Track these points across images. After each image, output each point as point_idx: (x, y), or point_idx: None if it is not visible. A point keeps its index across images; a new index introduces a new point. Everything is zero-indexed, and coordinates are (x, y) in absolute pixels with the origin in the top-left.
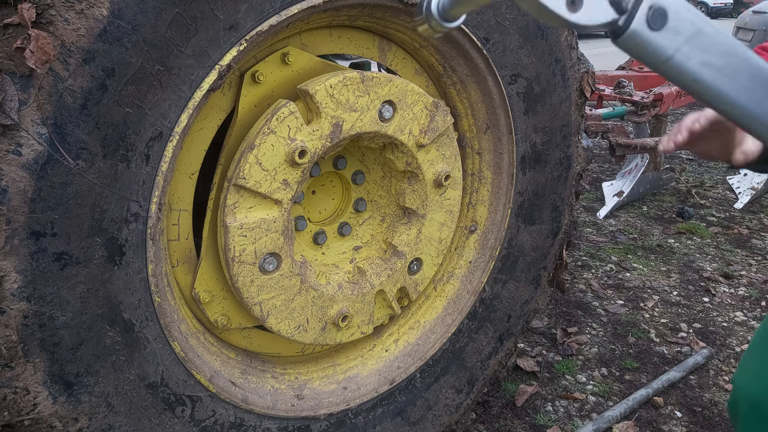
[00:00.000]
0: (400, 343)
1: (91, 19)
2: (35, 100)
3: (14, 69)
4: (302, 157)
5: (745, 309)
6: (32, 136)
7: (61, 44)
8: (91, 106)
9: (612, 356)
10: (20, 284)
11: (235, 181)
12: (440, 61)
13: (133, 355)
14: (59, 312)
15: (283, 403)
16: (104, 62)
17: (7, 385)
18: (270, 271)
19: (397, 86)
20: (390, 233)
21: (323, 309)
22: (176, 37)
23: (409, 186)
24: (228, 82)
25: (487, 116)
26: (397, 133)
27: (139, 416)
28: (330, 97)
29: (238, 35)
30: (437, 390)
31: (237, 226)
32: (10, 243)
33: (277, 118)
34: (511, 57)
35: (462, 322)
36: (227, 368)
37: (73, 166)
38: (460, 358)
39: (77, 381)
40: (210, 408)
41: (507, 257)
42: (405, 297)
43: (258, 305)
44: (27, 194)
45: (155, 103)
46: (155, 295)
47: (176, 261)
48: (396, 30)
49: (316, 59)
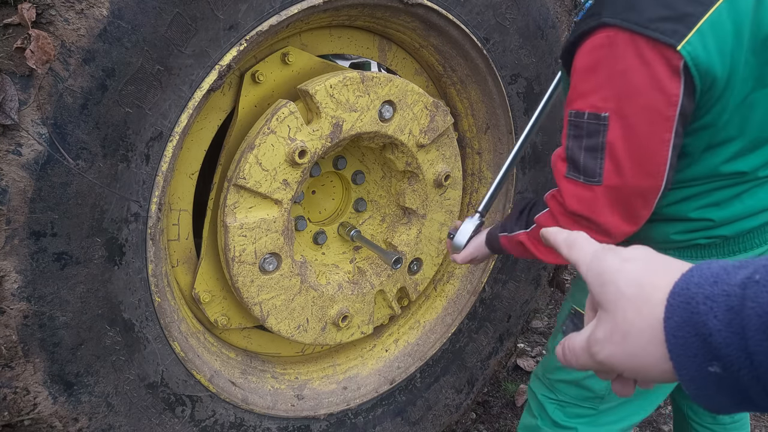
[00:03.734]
0: (400, 343)
1: (91, 19)
2: (35, 100)
3: (14, 69)
4: (302, 157)
5: None
6: (32, 136)
7: (61, 44)
8: (91, 106)
9: None
10: (20, 284)
11: (235, 181)
12: (440, 61)
13: (133, 355)
14: (59, 312)
15: (283, 403)
16: (104, 62)
17: (7, 385)
18: (270, 271)
19: (397, 86)
20: (390, 233)
21: (323, 309)
22: (176, 37)
23: (409, 186)
24: (228, 82)
25: (487, 116)
26: (397, 133)
27: (139, 416)
28: (330, 97)
29: (238, 35)
30: (437, 390)
31: (237, 226)
32: (10, 243)
33: (277, 118)
34: (511, 57)
35: (462, 322)
36: (227, 368)
37: (73, 166)
38: (460, 358)
39: (77, 381)
40: (210, 408)
41: (507, 257)
42: (405, 297)
43: (258, 305)
44: (27, 194)
45: (155, 103)
46: (155, 295)
47: (176, 261)
48: (396, 30)
49: (316, 59)
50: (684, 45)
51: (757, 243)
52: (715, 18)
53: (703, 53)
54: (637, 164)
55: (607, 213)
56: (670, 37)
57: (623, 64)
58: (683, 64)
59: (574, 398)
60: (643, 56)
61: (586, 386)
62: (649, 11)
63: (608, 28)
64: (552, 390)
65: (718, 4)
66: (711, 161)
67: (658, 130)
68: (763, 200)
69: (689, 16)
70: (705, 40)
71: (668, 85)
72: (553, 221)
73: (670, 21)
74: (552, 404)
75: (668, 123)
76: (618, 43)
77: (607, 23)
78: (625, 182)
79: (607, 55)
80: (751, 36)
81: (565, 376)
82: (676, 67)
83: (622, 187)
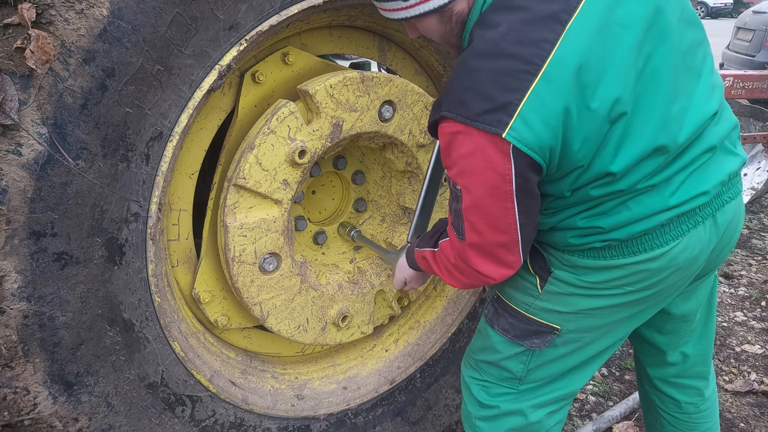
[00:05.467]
0: (400, 343)
1: (91, 19)
2: (35, 100)
3: (14, 69)
4: (302, 157)
5: (745, 309)
6: (32, 136)
7: (61, 44)
8: (91, 106)
9: (612, 356)
10: (20, 284)
11: (235, 181)
12: (440, 61)
13: (133, 355)
14: (59, 312)
15: (283, 403)
16: (104, 62)
17: (7, 385)
18: (270, 271)
19: (397, 86)
20: (390, 233)
21: (323, 309)
22: (176, 37)
23: (409, 186)
24: (228, 82)
25: None
26: (397, 133)
27: (139, 416)
28: (330, 97)
29: (238, 35)
30: (437, 390)
31: (237, 226)
32: (10, 243)
33: (277, 118)
34: None
35: (462, 322)
36: (227, 368)
37: (73, 166)
38: (460, 358)
39: (77, 381)
40: (210, 408)
41: None
42: (405, 297)
43: (258, 305)
44: (27, 194)
45: (155, 103)
46: (155, 295)
47: (176, 261)
48: (396, 30)
49: (316, 59)
50: (508, 132)
51: (657, 244)
52: (533, 99)
53: (529, 133)
54: (490, 225)
55: (479, 262)
56: (496, 127)
57: (464, 149)
58: (512, 148)
59: (496, 378)
60: (476, 143)
61: (504, 367)
62: (476, 106)
63: (448, 121)
64: (477, 370)
65: (532, 87)
66: (585, 193)
67: (500, 201)
68: (648, 206)
69: (509, 104)
70: (528, 121)
71: (501, 166)
72: (451, 250)
73: (494, 112)
74: (477, 385)
75: (508, 195)
76: (458, 131)
77: (446, 116)
78: (484, 239)
79: (452, 141)
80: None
81: (487, 357)
82: (505, 150)
83: (481, 243)
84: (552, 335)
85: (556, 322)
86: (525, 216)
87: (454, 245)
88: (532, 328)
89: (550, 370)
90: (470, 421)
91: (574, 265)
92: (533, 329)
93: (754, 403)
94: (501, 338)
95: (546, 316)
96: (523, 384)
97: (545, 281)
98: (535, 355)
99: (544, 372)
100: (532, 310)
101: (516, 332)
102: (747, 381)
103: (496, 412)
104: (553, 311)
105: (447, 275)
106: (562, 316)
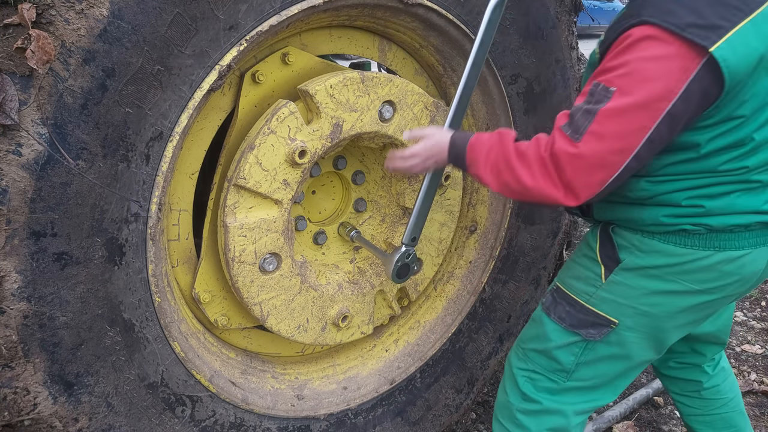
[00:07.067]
0: (400, 343)
1: (91, 19)
2: (35, 100)
3: (14, 69)
4: (302, 157)
5: (745, 309)
6: (32, 136)
7: (61, 44)
8: (91, 106)
9: None
10: (20, 284)
11: (235, 181)
12: (440, 61)
13: (133, 355)
14: (59, 312)
15: (283, 403)
16: (104, 62)
17: (7, 385)
18: (270, 271)
19: (397, 86)
20: (390, 233)
21: (323, 309)
22: (176, 37)
23: (409, 186)
24: (228, 82)
25: (487, 116)
26: (397, 133)
27: (139, 416)
28: (330, 97)
29: (238, 35)
30: (437, 390)
31: (237, 226)
32: (10, 243)
33: (278, 118)
34: (511, 57)
35: (462, 322)
36: (227, 368)
37: (73, 166)
38: (460, 358)
39: (77, 381)
40: (210, 408)
41: (507, 257)
42: (405, 297)
43: (258, 305)
44: (27, 194)
45: (155, 103)
46: (155, 295)
47: (176, 261)
48: (396, 30)
49: (316, 59)
50: (717, 48)
51: (736, 246)
52: (741, 34)
53: (733, 57)
54: (616, 137)
55: (569, 170)
56: (704, 40)
57: (648, 53)
58: (708, 64)
59: (544, 369)
60: (668, 51)
61: (554, 357)
62: (686, 17)
63: (647, 26)
64: (525, 360)
65: (742, 24)
66: (712, 161)
67: (644, 117)
68: (748, 203)
69: (719, 27)
70: (733, 47)
71: (675, 80)
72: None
73: (703, 28)
74: (523, 376)
75: (657, 114)
76: (651, 36)
77: (647, 21)
78: (601, 147)
79: (637, 44)
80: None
81: (538, 345)
82: (695, 66)
83: (591, 153)
84: (609, 328)
85: (614, 315)
86: (646, 149)
87: (552, 143)
88: (590, 319)
89: (596, 371)
90: (510, 413)
91: (649, 250)
92: (591, 320)
93: (754, 403)
94: (556, 326)
95: (605, 308)
96: (569, 379)
97: (611, 271)
98: (588, 348)
99: (591, 371)
100: (593, 300)
101: (573, 321)
102: (747, 381)
103: (539, 407)
104: (614, 302)
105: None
106: (622, 309)
